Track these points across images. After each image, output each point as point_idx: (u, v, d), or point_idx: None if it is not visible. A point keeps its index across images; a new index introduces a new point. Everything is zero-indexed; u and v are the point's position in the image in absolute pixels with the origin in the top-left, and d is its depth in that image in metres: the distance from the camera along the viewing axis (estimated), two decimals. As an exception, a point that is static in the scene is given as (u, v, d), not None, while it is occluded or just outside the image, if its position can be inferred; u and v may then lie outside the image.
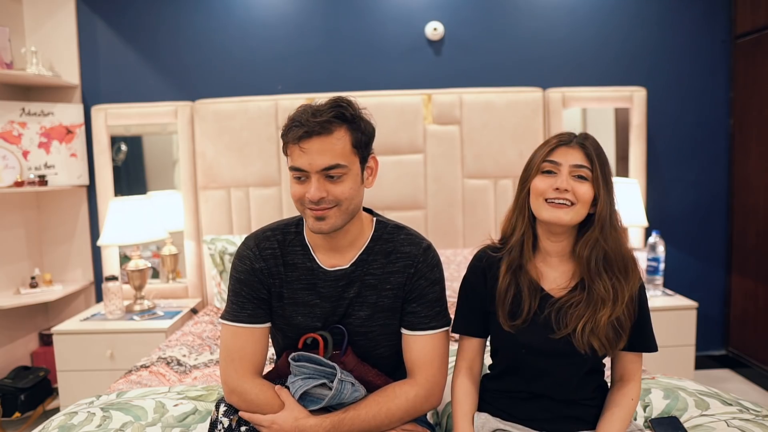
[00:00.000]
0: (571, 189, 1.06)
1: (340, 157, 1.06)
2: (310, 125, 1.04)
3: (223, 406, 1.13)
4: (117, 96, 2.78)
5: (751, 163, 2.78)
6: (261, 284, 1.16)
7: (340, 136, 1.06)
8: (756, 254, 2.76)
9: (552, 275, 1.14)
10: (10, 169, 2.55)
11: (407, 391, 1.12)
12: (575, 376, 1.12)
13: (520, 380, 1.14)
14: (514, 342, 1.11)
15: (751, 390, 2.73)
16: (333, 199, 1.07)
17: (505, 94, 2.68)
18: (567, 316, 1.08)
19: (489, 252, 1.19)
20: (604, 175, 1.09)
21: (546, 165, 1.10)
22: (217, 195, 2.69)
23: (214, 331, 2.24)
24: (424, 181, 2.70)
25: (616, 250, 1.08)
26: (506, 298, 1.12)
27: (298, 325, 1.17)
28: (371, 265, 1.17)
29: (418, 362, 1.15)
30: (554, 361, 1.10)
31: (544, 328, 1.10)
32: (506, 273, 1.13)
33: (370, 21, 2.81)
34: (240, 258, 1.18)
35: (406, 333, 1.17)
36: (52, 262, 2.85)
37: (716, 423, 1.23)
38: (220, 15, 2.79)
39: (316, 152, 1.04)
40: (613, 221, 1.09)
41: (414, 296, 1.17)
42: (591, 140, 1.12)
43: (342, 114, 1.06)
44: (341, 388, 1.07)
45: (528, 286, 1.11)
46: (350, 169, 1.08)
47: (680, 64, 2.86)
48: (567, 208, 1.07)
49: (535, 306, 1.10)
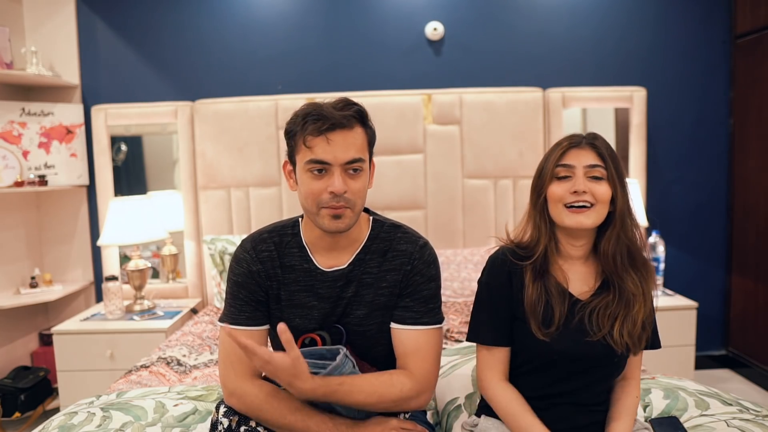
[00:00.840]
0: (589, 190, 1.06)
1: (360, 151, 1.08)
2: (336, 118, 1.04)
3: (223, 407, 1.13)
4: (117, 96, 2.78)
5: (751, 163, 2.78)
6: (258, 287, 1.16)
7: (359, 133, 1.09)
8: (756, 254, 2.76)
9: (576, 278, 1.13)
10: (10, 169, 2.55)
11: (404, 382, 1.10)
12: (606, 378, 1.11)
13: (542, 384, 1.11)
14: (547, 349, 1.08)
15: (751, 390, 2.73)
16: (350, 198, 1.07)
17: (505, 94, 2.68)
18: (600, 317, 1.07)
19: (510, 256, 1.14)
20: (618, 172, 1.08)
21: (560, 170, 1.09)
22: (217, 195, 2.69)
23: (214, 331, 2.24)
24: (424, 181, 2.70)
25: (637, 246, 1.09)
26: (538, 306, 1.08)
27: (296, 327, 1.17)
28: (368, 264, 1.17)
29: (411, 357, 1.13)
30: (588, 363, 1.08)
31: (577, 332, 1.07)
32: (534, 281, 1.09)
33: (370, 21, 2.81)
34: (237, 261, 1.18)
35: (397, 327, 1.15)
36: (52, 262, 2.85)
37: (716, 423, 1.23)
38: (220, 15, 2.79)
39: (341, 145, 1.05)
40: (632, 217, 1.09)
41: (408, 291, 1.16)
42: (601, 139, 1.11)
43: (359, 112, 1.09)
44: (344, 362, 1.05)
45: (556, 291, 1.09)
46: (365, 166, 1.10)
47: (680, 64, 2.86)
48: (588, 210, 1.06)
49: (565, 311, 1.08)
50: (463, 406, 1.36)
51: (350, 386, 1.04)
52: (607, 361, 1.09)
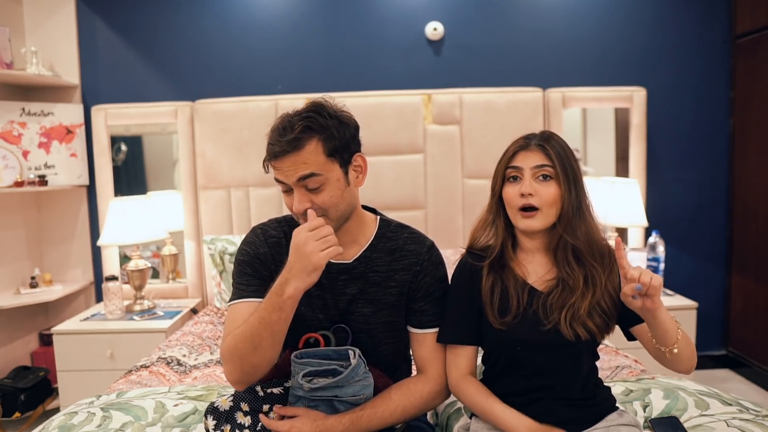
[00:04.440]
0: (535, 192, 1.09)
1: (313, 167, 1.06)
2: (281, 145, 1.06)
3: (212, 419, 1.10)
4: (117, 96, 2.78)
5: (751, 163, 2.78)
6: (264, 267, 1.17)
7: (311, 149, 1.06)
8: (756, 254, 2.76)
9: (535, 269, 1.17)
10: (10, 169, 2.55)
11: (422, 389, 1.16)
12: (573, 368, 1.12)
13: (520, 379, 1.14)
14: (507, 339, 1.11)
15: (751, 390, 2.73)
16: (319, 208, 1.07)
17: (505, 94, 2.68)
18: (551, 307, 1.10)
19: (470, 260, 1.20)
20: (566, 172, 1.10)
21: (510, 171, 1.14)
22: (217, 195, 2.69)
23: (214, 331, 2.24)
24: (424, 181, 2.70)
25: (587, 242, 1.11)
26: (493, 296, 1.13)
27: (300, 315, 1.16)
28: (375, 262, 1.18)
29: (429, 359, 1.18)
30: (549, 353, 1.11)
31: (533, 321, 1.11)
32: (489, 273, 1.16)
33: (370, 21, 2.81)
34: (246, 243, 1.20)
35: (416, 331, 1.20)
36: (52, 262, 2.85)
37: (716, 423, 1.23)
38: (220, 15, 2.79)
39: (290, 168, 1.06)
40: (582, 215, 1.12)
41: (421, 294, 1.19)
42: (554, 139, 1.13)
43: (310, 127, 1.06)
44: (359, 363, 1.07)
45: (513, 282, 1.14)
46: (328, 177, 1.08)
47: (680, 64, 2.86)
48: (536, 214, 1.10)
49: (524, 301, 1.12)
50: (462, 410, 1.36)
51: (372, 408, 1.10)
52: (566, 350, 1.10)
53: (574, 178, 1.11)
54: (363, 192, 1.21)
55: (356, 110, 1.21)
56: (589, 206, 1.14)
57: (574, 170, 1.11)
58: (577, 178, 1.12)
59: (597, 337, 1.11)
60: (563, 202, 1.10)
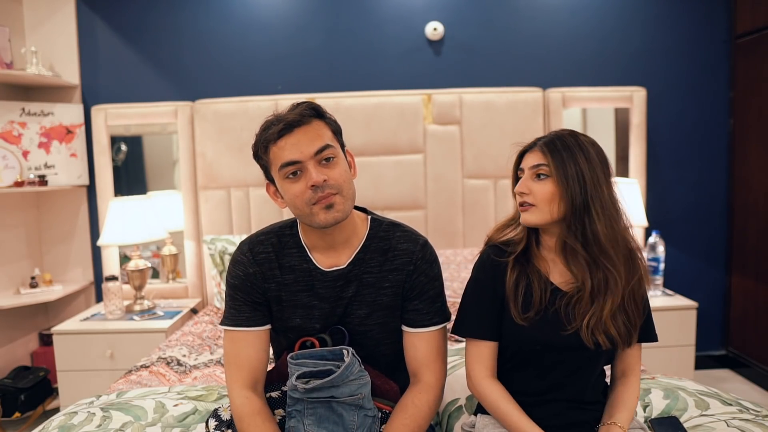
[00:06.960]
0: (529, 190, 1.10)
1: (327, 139, 1.08)
2: (291, 117, 1.06)
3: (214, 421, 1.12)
4: (117, 96, 2.78)
5: (751, 163, 2.78)
6: (255, 288, 1.16)
7: (320, 125, 1.10)
8: (756, 254, 2.76)
9: (559, 269, 1.15)
10: (10, 169, 2.55)
11: (427, 400, 1.13)
12: (589, 371, 1.12)
13: (533, 378, 1.13)
14: (527, 337, 1.10)
15: (751, 390, 2.73)
16: (334, 184, 1.06)
17: (505, 94, 2.68)
18: (574, 310, 1.08)
19: (492, 253, 1.17)
20: (565, 171, 1.07)
21: (519, 173, 1.16)
22: (217, 195, 2.69)
23: (214, 331, 2.24)
24: (424, 181, 2.70)
25: (598, 242, 1.06)
26: (517, 290, 1.12)
27: (296, 327, 1.17)
28: (368, 263, 1.17)
29: (425, 360, 1.15)
30: (567, 355, 1.10)
31: (555, 322, 1.09)
32: (514, 266, 1.14)
33: (370, 21, 2.81)
34: (234, 263, 1.19)
35: (409, 330, 1.17)
36: (52, 262, 2.85)
37: (716, 423, 1.23)
38: (220, 15, 2.79)
39: (304, 139, 1.06)
40: (591, 214, 1.06)
41: (415, 293, 1.17)
42: (559, 139, 1.10)
43: (313, 109, 1.10)
44: (353, 361, 1.06)
45: (537, 278, 1.12)
46: (338, 152, 1.10)
47: (680, 64, 2.86)
48: (531, 208, 1.10)
49: (546, 299, 1.11)
50: (464, 407, 1.36)
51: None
52: (584, 354, 1.09)
53: (580, 178, 1.07)
54: (363, 192, 1.22)
55: (356, 110, 1.22)
56: (605, 206, 1.07)
57: (579, 169, 1.07)
58: (584, 177, 1.07)
59: (619, 346, 1.09)
60: (563, 200, 1.08)
